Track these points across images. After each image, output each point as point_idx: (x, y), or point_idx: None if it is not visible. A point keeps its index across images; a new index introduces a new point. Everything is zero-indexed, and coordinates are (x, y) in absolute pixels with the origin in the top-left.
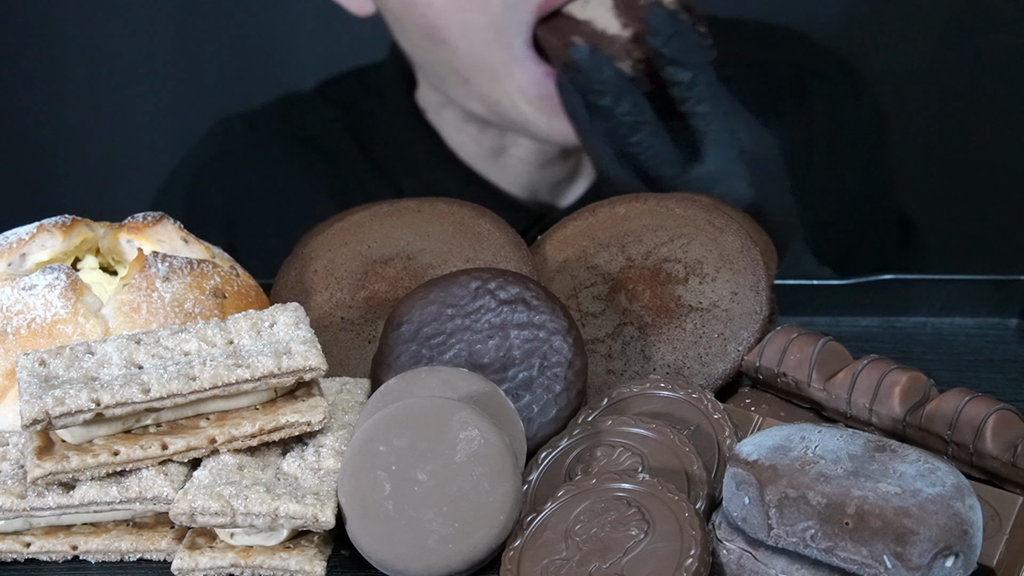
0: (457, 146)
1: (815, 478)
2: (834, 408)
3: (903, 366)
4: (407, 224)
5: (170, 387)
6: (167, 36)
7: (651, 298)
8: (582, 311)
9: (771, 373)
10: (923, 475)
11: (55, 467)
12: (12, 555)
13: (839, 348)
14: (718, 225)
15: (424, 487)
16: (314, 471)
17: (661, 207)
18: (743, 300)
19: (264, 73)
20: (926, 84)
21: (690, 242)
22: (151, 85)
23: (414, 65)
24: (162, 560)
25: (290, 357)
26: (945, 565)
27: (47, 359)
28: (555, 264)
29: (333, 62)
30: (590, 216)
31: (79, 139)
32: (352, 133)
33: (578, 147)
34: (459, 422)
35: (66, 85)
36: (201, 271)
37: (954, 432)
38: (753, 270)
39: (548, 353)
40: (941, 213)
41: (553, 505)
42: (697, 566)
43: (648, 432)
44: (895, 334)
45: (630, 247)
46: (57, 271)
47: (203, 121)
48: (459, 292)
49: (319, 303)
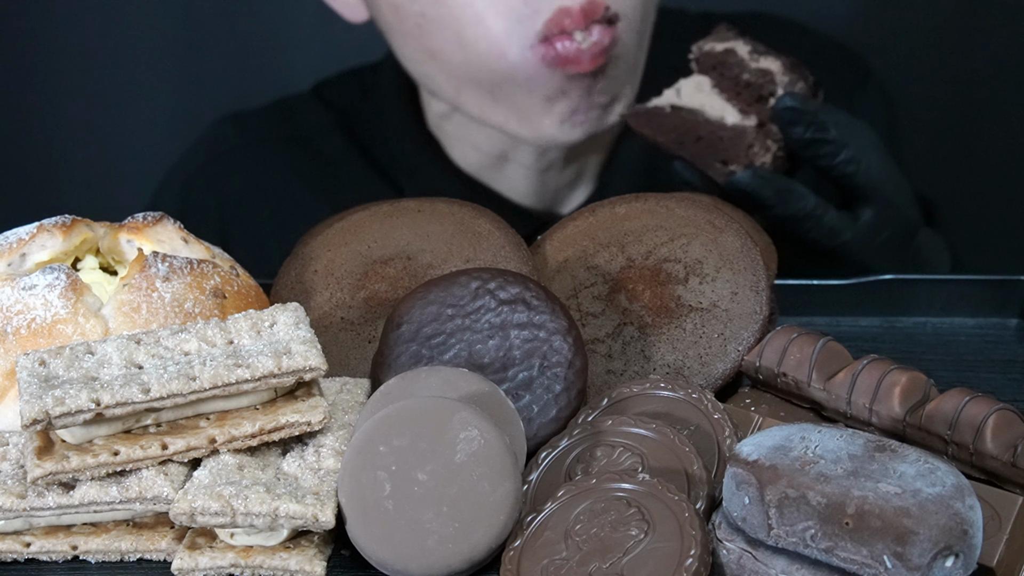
0: (458, 156)
1: (815, 478)
2: (834, 408)
3: (903, 366)
4: (407, 224)
5: (170, 387)
6: (167, 37)
7: (651, 298)
8: (582, 311)
9: (771, 373)
10: (923, 475)
11: (55, 467)
12: (12, 555)
13: (839, 348)
14: (718, 225)
15: (424, 487)
16: (314, 471)
17: (661, 207)
18: (743, 300)
19: (263, 74)
20: (927, 86)
21: (690, 242)
22: (151, 85)
23: (414, 76)
24: (162, 560)
25: (290, 357)
26: (945, 565)
27: (47, 359)
28: (555, 264)
29: (332, 63)
30: (590, 216)
31: (79, 139)
32: (351, 135)
33: (577, 151)
34: (459, 422)
35: (66, 85)
36: (201, 271)
37: (954, 432)
38: (753, 270)
39: (548, 353)
40: (941, 213)
41: (553, 505)
42: (697, 566)
43: (648, 432)
44: (895, 334)
45: (630, 247)
46: (57, 271)
47: (202, 121)
48: (459, 292)
49: (319, 303)
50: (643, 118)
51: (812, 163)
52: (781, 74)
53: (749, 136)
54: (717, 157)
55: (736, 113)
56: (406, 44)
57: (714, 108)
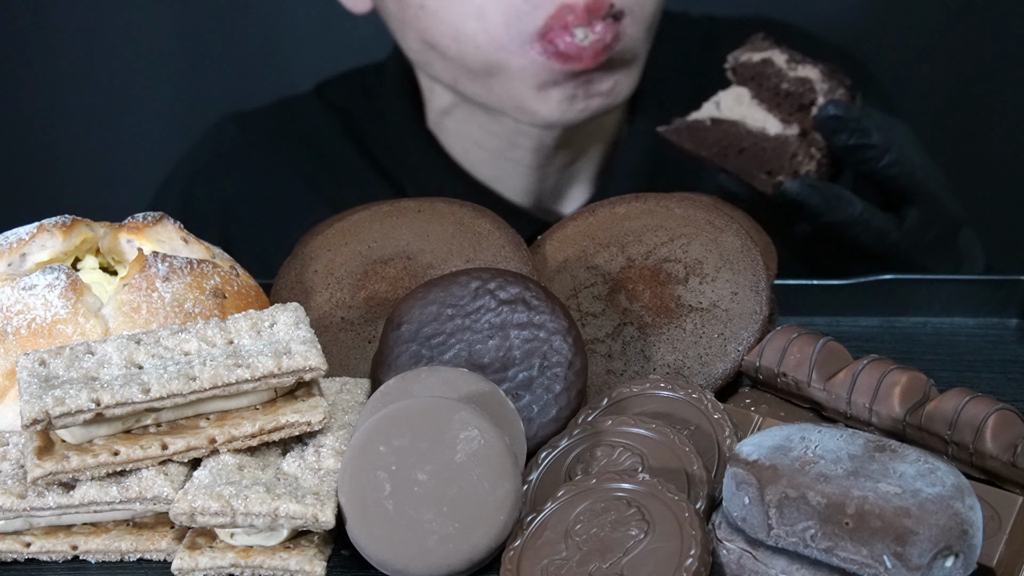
0: (459, 154)
1: (815, 478)
2: (834, 408)
3: (903, 366)
4: (407, 224)
5: (170, 387)
6: (168, 36)
7: (651, 298)
8: (582, 311)
9: (771, 373)
10: (923, 475)
11: (55, 467)
12: (12, 555)
13: (839, 348)
14: (718, 225)
15: (424, 487)
16: (314, 471)
17: (661, 207)
18: (743, 300)
19: (264, 74)
20: (927, 84)
21: (690, 242)
22: (151, 85)
23: (414, 65)
24: (162, 560)
25: (290, 357)
26: (945, 565)
27: (47, 359)
28: (555, 264)
29: (334, 63)
30: (590, 216)
31: (79, 139)
32: (353, 135)
33: (577, 148)
34: (459, 422)
35: (66, 85)
36: (201, 271)
37: (954, 432)
38: (753, 270)
39: (548, 353)
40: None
41: (553, 505)
42: (697, 566)
43: (648, 432)
44: (895, 334)
45: (630, 247)
46: (57, 271)
47: (204, 121)
48: (459, 292)
49: (319, 303)
50: (684, 133)
51: (857, 168)
52: (820, 81)
53: (793, 145)
54: (762, 168)
55: (778, 123)
56: (406, 33)
57: (755, 119)
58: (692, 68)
